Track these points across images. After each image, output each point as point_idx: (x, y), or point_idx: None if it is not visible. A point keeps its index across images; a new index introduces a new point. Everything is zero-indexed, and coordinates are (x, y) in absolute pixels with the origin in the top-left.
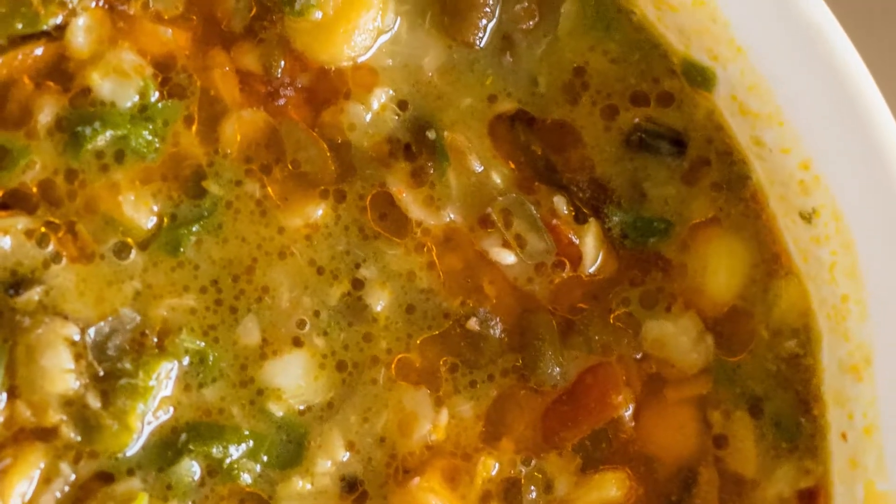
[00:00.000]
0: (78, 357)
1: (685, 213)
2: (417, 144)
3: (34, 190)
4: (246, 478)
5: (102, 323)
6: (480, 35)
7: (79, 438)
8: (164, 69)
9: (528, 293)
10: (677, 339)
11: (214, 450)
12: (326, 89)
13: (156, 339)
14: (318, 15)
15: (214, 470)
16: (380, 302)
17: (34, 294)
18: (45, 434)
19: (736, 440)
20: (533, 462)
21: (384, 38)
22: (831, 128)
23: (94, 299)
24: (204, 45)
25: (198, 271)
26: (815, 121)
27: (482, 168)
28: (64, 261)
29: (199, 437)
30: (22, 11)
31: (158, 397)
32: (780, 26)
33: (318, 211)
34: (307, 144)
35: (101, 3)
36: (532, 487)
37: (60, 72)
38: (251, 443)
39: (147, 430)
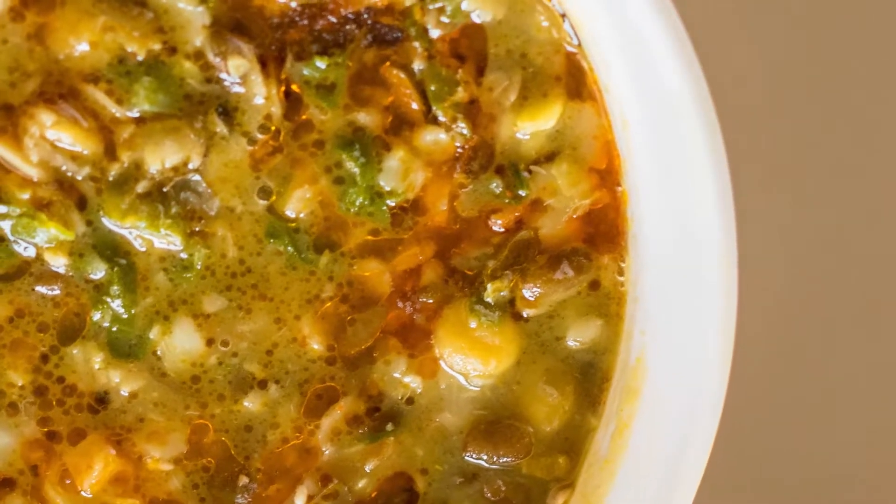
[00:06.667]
0: (175, 170)
1: None
2: (379, 422)
3: (304, 116)
4: (96, 316)
5: (205, 184)
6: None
7: (111, 178)
8: (413, 207)
9: None
10: None
11: (113, 288)
12: (416, 341)
13: (197, 229)
14: (472, 324)
15: (100, 290)
16: (249, 404)
17: (220, 127)
18: (109, 149)
19: None
20: None
21: (468, 388)
22: None
23: (222, 175)
24: (436, 238)
25: (256, 256)
26: None
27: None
28: (253, 148)
29: (124, 278)
30: (445, 90)
31: (152, 239)
32: None
33: (315, 345)
34: (369, 329)
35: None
36: None
37: (397, 128)
38: (125, 316)
39: (122, 232)
